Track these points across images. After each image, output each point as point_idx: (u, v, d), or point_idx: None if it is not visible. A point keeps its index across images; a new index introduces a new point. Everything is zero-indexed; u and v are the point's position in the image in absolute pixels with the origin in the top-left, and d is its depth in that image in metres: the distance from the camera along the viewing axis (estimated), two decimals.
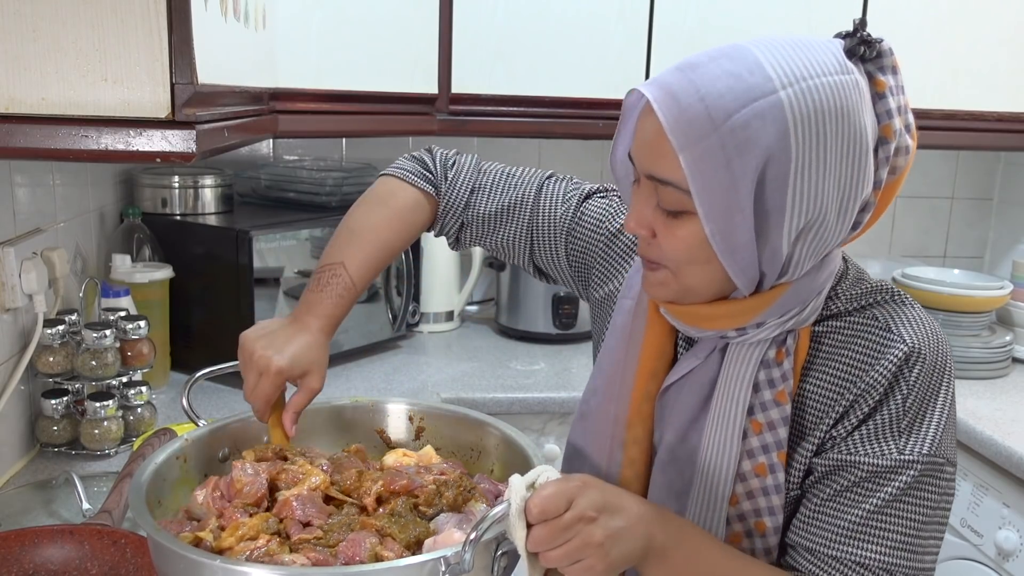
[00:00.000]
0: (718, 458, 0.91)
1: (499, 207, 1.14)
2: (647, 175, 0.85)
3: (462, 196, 1.14)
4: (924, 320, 0.91)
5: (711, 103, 0.78)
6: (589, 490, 0.81)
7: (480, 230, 1.16)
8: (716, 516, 0.92)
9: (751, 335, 0.89)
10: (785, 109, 0.77)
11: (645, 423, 0.97)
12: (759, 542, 0.92)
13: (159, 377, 1.79)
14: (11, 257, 1.38)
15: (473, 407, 1.15)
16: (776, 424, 0.90)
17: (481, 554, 0.79)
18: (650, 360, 0.97)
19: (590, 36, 1.98)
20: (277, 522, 0.89)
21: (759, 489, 0.91)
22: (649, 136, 0.83)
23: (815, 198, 0.80)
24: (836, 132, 0.79)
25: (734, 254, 0.83)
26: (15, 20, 0.86)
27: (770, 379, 0.90)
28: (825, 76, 0.79)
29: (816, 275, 0.88)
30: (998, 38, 2.08)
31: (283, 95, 1.69)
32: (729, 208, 0.80)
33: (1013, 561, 1.62)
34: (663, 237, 0.86)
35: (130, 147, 0.89)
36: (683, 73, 0.81)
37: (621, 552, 0.81)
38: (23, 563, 1.04)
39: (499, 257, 1.20)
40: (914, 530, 0.88)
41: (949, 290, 2.02)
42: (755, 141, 0.77)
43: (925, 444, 0.87)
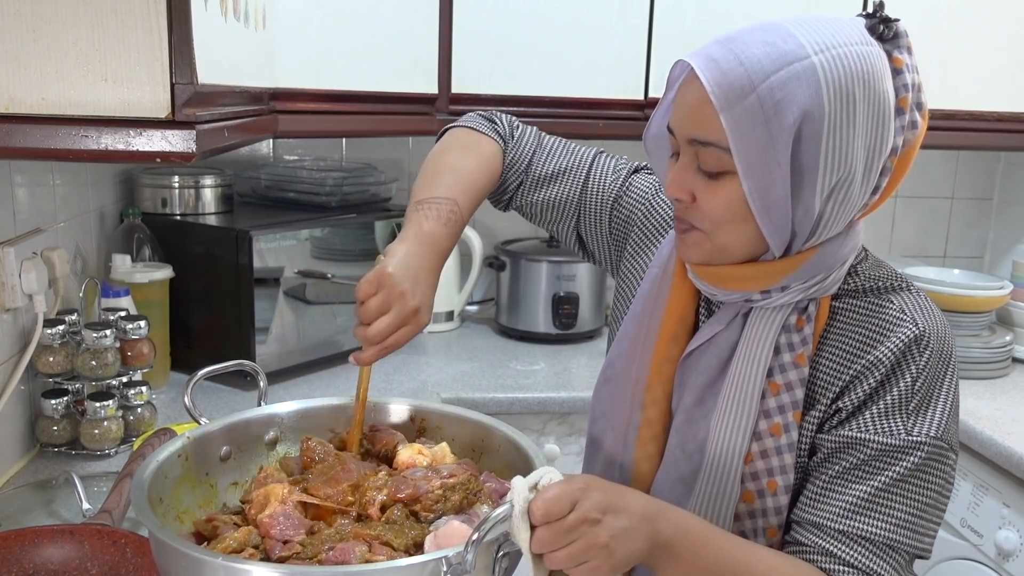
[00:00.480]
0: (736, 417, 0.95)
1: (557, 168, 1.19)
2: (689, 139, 0.90)
3: (526, 154, 1.19)
4: (936, 312, 0.96)
5: (750, 66, 0.84)
6: (592, 492, 0.81)
7: (536, 190, 1.20)
8: (731, 474, 0.95)
9: (775, 299, 0.94)
10: (818, 72, 0.84)
11: (665, 385, 1.01)
12: (770, 500, 0.95)
13: (159, 377, 1.79)
14: (11, 257, 1.38)
15: (473, 407, 1.15)
16: (794, 385, 0.94)
17: (483, 555, 0.79)
18: (672, 324, 1.02)
19: (590, 36, 1.98)
20: (259, 536, 0.88)
21: (773, 448, 0.94)
22: (691, 102, 0.88)
23: (846, 156, 0.85)
24: (863, 95, 0.85)
25: (769, 211, 0.87)
26: (15, 20, 0.86)
27: (790, 343, 0.94)
28: (852, 45, 0.86)
29: (841, 244, 0.93)
30: (998, 38, 2.08)
31: (283, 95, 1.69)
32: (767, 164, 0.85)
33: (1013, 561, 1.62)
34: (703, 199, 0.90)
35: (130, 147, 0.89)
36: (722, 44, 0.87)
37: (626, 551, 0.82)
38: (23, 563, 1.04)
39: (539, 221, 1.22)
40: (918, 510, 0.91)
41: (949, 290, 2.02)
42: (791, 100, 0.83)
43: (932, 427, 0.90)
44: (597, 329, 2.29)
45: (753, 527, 0.96)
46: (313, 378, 1.89)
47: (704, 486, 0.97)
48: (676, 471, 0.99)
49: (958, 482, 1.77)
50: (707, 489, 0.97)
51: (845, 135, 0.85)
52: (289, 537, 0.88)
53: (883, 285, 0.96)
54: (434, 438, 1.12)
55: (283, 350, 1.86)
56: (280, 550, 0.86)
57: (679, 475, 0.99)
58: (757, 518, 0.96)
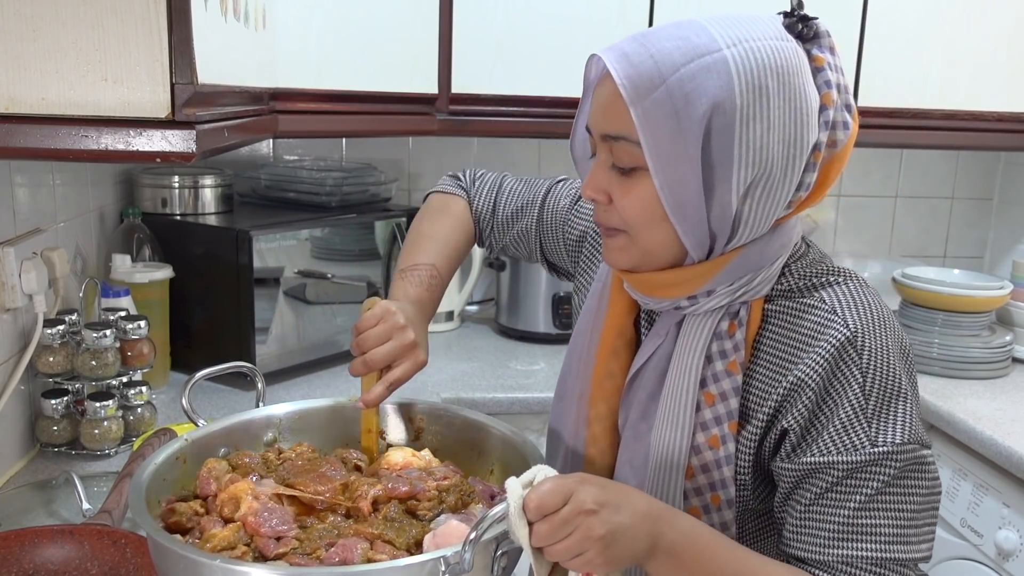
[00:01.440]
0: (673, 431, 0.93)
1: (516, 207, 1.25)
2: (602, 135, 0.89)
3: (488, 202, 1.27)
4: (874, 305, 0.91)
5: (660, 59, 0.83)
6: (587, 485, 0.81)
7: (503, 231, 1.26)
8: (673, 489, 0.94)
9: (702, 304, 0.92)
10: (729, 64, 0.83)
11: (608, 400, 1.00)
12: (715, 516, 0.93)
13: (159, 377, 1.79)
14: (11, 257, 1.38)
15: (473, 407, 1.15)
16: (728, 395, 0.91)
17: (481, 554, 0.79)
18: (611, 337, 1.01)
19: (590, 36, 1.98)
20: (247, 532, 0.88)
21: (712, 462, 0.92)
22: (604, 98, 0.88)
23: (760, 150, 0.84)
24: (778, 89, 0.84)
25: (683, 208, 0.86)
26: (15, 20, 0.86)
27: (722, 350, 0.92)
28: (766, 40, 0.85)
29: (767, 244, 0.90)
30: (998, 38, 2.08)
31: (283, 95, 1.69)
32: (677, 158, 0.83)
33: (1013, 561, 1.62)
34: (618, 199, 0.89)
35: (130, 147, 0.89)
36: (635, 40, 0.87)
37: (623, 548, 0.81)
38: (23, 563, 1.04)
39: (519, 256, 1.30)
40: (905, 520, 0.87)
41: (949, 290, 2.02)
42: (701, 92, 0.82)
43: (897, 432, 0.86)
44: None
45: None
46: (313, 378, 1.89)
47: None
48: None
49: (958, 482, 1.77)
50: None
51: (759, 129, 0.83)
52: (282, 533, 0.87)
53: (816, 282, 0.92)
54: (434, 438, 1.12)
55: (283, 350, 1.86)
56: (275, 547, 0.86)
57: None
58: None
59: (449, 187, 1.29)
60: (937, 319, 2.03)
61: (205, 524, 0.89)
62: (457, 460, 1.08)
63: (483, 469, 1.07)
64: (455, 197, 1.27)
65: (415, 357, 1.07)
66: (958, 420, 1.75)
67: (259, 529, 0.87)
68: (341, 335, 1.98)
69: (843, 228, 2.57)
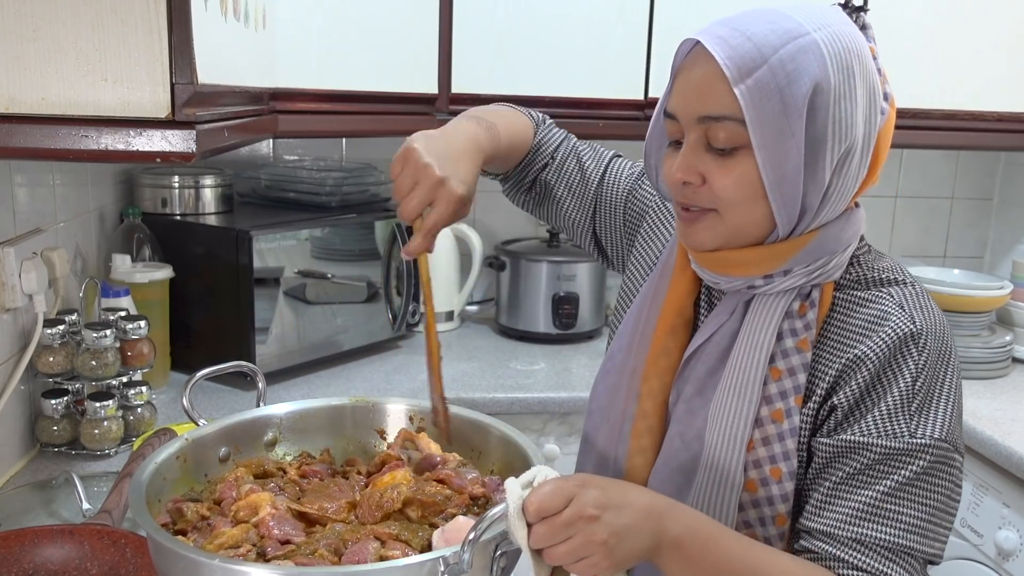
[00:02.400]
0: (738, 403, 0.94)
1: (579, 157, 1.23)
2: (699, 117, 0.90)
3: (555, 140, 1.24)
4: (936, 310, 0.95)
5: (758, 41, 0.87)
6: (588, 488, 0.81)
7: (560, 173, 1.22)
8: (733, 462, 0.94)
9: (777, 283, 0.94)
10: (820, 45, 0.87)
11: (661, 377, 1.01)
12: (775, 488, 0.93)
13: (159, 377, 1.79)
14: (11, 257, 1.38)
15: (473, 407, 1.15)
16: (796, 370, 0.93)
17: (480, 554, 0.79)
18: (670, 315, 1.02)
19: (590, 36, 1.98)
20: (257, 535, 0.88)
21: (775, 435, 0.93)
22: (699, 80, 0.89)
23: (851, 126, 0.88)
24: (860, 70, 0.89)
25: (781, 184, 0.88)
26: (15, 20, 0.86)
27: (793, 328, 0.94)
28: (843, 25, 0.90)
29: (842, 228, 0.94)
30: (998, 38, 2.08)
31: (283, 95, 1.69)
32: (782, 134, 0.86)
33: (1013, 561, 1.62)
34: (715, 179, 0.90)
35: (130, 147, 0.89)
36: (724, 24, 0.90)
37: (627, 548, 0.82)
38: (23, 563, 1.04)
39: (557, 214, 1.24)
40: (927, 514, 0.89)
41: (949, 290, 2.02)
42: (803, 71, 0.86)
43: (936, 428, 0.89)
44: (597, 329, 2.28)
45: (759, 516, 0.94)
46: (313, 378, 1.90)
47: (705, 475, 0.95)
48: (675, 460, 0.98)
49: None
50: (708, 478, 0.95)
51: (848, 106, 0.88)
52: (290, 538, 0.88)
53: (886, 277, 0.96)
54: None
55: (283, 350, 1.86)
56: (277, 549, 0.86)
57: (678, 464, 0.98)
58: (763, 507, 0.94)
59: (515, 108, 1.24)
60: None
61: (216, 523, 0.90)
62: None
63: (483, 469, 1.07)
64: (521, 114, 1.23)
65: (447, 196, 0.98)
66: None
67: (271, 532, 0.88)
68: (341, 335, 1.98)
69: None
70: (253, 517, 0.90)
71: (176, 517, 0.92)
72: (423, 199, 0.98)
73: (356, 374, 1.93)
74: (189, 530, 0.91)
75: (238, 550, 0.85)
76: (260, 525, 0.89)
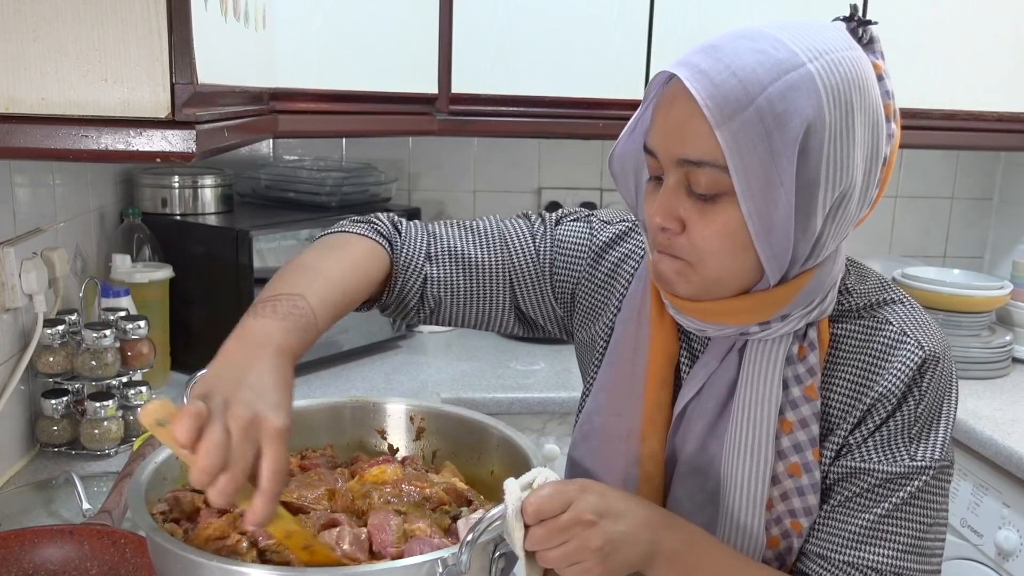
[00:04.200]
0: (752, 462, 0.88)
1: (467, 249, 1.05)
2: (678, 160, 0.81)
3: (420, 243, 1.04)
4: (933, 326, 0.91)
5: (744, 77, 0.77)
6: (588, 494, 0.81)
7: (447, 285, 1.04)
8: (754, 523, 0.89)
9: (775, 329, 0.87)
10: (815, 79, 0.78)
11: (659, 435, 0.94)
12: (796, 541, 0.90)
13: (159, 377, 1.79)
14: (11, 257, 1.38)
15: (473, 407, 1.15)
16: (808, 421, 0.87)
17: (478, 555, 0.79)
18: (659, 369, 0.94)
19: (590, 36, 1.98)
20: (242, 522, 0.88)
21: (793, 490, 0.89)
22: (679, 118, 0.80)
23: (847, 168, 0.80)
24: (860, 103, 0.80)
25: (770, 235, 0.80)
26: (15, 20, 0.86)
27: (796, 375, 0.88)
28: (843, 51, 0.80)
29: (833, 263, 0.87)
30: (998, 38, 2.08)
31: (283, 95, 1.68)
32: (769, 183, 0.78)
33: (1013, 561, 1.62)
34: (696, 227, 0.82)
35: (130, 147, 0.89)
36: (707, 53, 0.80)
37: (621, 557, 0.81)
38: (23, 563, 1.04)
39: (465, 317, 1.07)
40: (922, 532, 0.88)
41: (949, 290, 2.02)
42: (794, 112, 0.77)
43: (936, 450, 0.88)
44: None
45: (781, 565, 0.91)
46: (313, 378, 1.89)
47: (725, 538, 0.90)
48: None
49: (958, 482, 1.77)
50: (728, 540, 0.90)
51: (846, 146, 0.79)
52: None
53: (877, 299, 0.91)
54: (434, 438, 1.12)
55: None
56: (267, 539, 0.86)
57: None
58: (785, 558, 0.91)
59: (353, 226, 1.03)
60: (937, 319, 2.02)
61: (204, 515, 0.90)
62: (457, 460, 1.08)
63: (483, 469, 1.07)
64: (355, 236, 1.01)
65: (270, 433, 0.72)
66: (958, 420, 1.74)
67: None
68: (341, 335, 1.98)
69: None
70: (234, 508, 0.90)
71: (172, 505, 0.93)
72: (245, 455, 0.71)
73: (356, 374, 1.93)
74: (182, 519, 0.91)
75: (226, 541, 0.85)
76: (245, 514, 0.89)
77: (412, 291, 1.05)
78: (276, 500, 0.73)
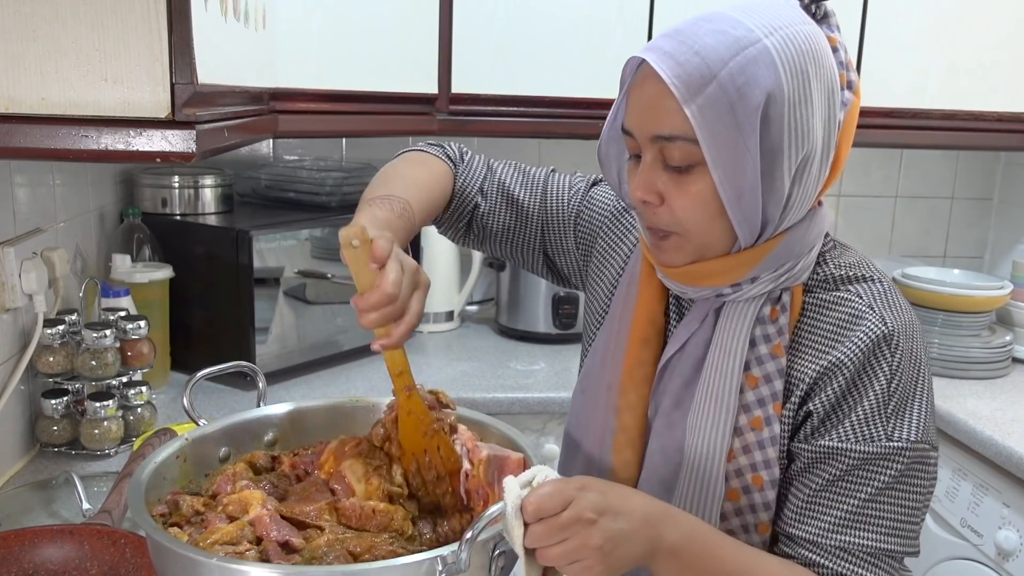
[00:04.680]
0: (716, 413, 0.93)
1: (512, 188, 1.17)
2: (652, 136, 0.88)
3: (478, 177, 1.18)
4: (905, 307, 0.95)
5: (705, 55, 0.84)
6: (588, 492, 0.81)
7: (494, 212, 1.17)
8: (713, 472, 0.93)
9: (745, 291, 0.93)
10: (772, 53, 0.84)
11: (638, 389, 1.00)
12: (757, 496, 0.94)
13: (159, 377, 1.79)
14: (11, 257, 1.38)
15: (473, 407, 1.15)
16: (772, 376, 0.93)
17: (478, 553, 0.79)
18: (641, 325, 1.01)
19: (590, 36, 1.98)
20: (253, 534, 0.88)
21: (755, 443, 0.93)
22: (649, 98, 0.87)
23: (807, 133, 0.87)
24: (815, 72, 0.86)
25: (740, 200, 0.87)
26: (15, 20, 0.86)
27: (766, 334, 0.93)
28: (797, 25, 0.87)
29: (806, 231, 0.93)
30: (998, 38, 2.08)
31: (283, 95, 1.69)
32: (736, 151, 0.84)
33: (1013, 561, 1.62)
34: (673, 198, 0.89)
35: (130, 147, 0.89)
36: (670, 37, 0.87)
37: (622, 554, 0.82)
38: (23, 563, 1.05)
39: (503, 249, 1.20)
40: (905, 515, 0.91)
41: (949, 290, 2.02)
42: (754, 83, 0.83)
43: (912, 430, 0.90)
44: None
45: (742, 523, 0.95)
46: (313, 378, 1.90)
47: (686, 486, 0.95)
48: (657, 474, 0.98)
49: (958, 482, 1.77)
50: (689, 489, 0.95)
51: (805, 112, 0.86)
52: (289, 539, 0.88)
53: (853, 274, 0.95)
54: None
55: (283, 350, 1.86)
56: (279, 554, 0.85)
57: (659, 478, 0.98)
58: (745, 515, 0.95)
59: (430, 150, 1.17)
60: (937, 319, 2.03)
61: (210, 519, 0.90)
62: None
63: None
64: (436, 158, 1.15)
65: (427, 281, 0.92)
66: (958, 420, 1.75)
67: (269, 533, 0.87)
68: (341, 335, 1.98)
69: (843, 228, 2.57)
70: (242, 514, 0.90)
71: (172, 509, 0.92)
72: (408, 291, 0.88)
73: (356, 374, 1.93)
74: (184, 524, 0.91)
75: (236, 547, 0.85)
76: (256, 524, 0.88)
77: (464, 216, 1.18)
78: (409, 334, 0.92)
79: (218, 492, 0.96)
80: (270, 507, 0.91)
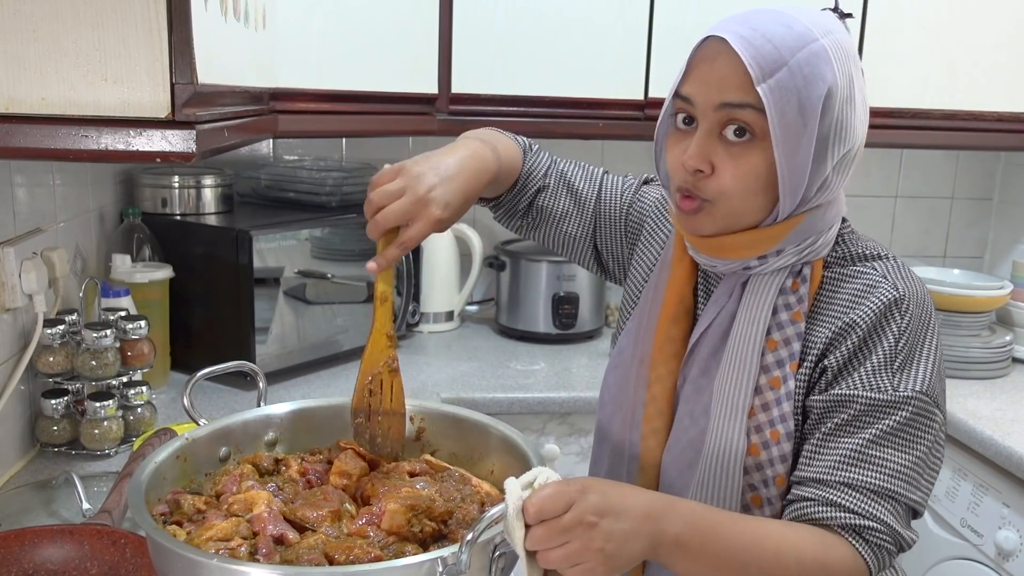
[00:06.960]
0: (738, 374, 1.00)
1: (572, 179, 1.24)
2: (719, 104, 0.94)
3: (543, 163, 1.24)
4: (916, 279, 1.02)
5: (778, 43, 0.92)
6: (589, 494, 0.81)
7: (555, 197, 1.23)
8: (736, 430, 0.99)
9: (771, 263, 1.00)
10: (830, 52, 0.93)
11: (668, 363, 1.07)
12: (775, 449, 0.99)
13: (159, 377, 1.79)
14: (11, 257, 1.38)
15: (473, 407, 1.15)
16: (791, 339, 1.00)
17: (478, 555, 0.79)
18: (672, 303, 1.08)
19: (590, 36, 1.98)
20: (249, 530, 0.88)
21: (773, 400, 0.99)
22: (721, 71, 0.94)
23: (851, 131, 0.96)
24: (857, 75, 0.96)
25: (793, 176, 0.94)
26: (15, 20, 0.86)
27: (787, 303, 1.01)
28: (842, 33, 0.97)
29: (826, 211, 1.01)
30: (998, 38, 2.08)
31: (283, 95, 1.69)
32: (797, 132, 0.92)
33: (1013, 561, 1.62)
34: (726, 168, 0.95)
35: (130, 147, 0.89)
36: (741, 23, 0.95)
37: (625, 553, 0.82)
38: (23, 563, 1.05)
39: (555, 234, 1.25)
40: (910, 462, 0.94)
41: (949, 290, 2.02)
42: (818, 75, 0.92)
43: (917, 382, 0.95)
44: (597, 329, 2.29)
45: (763, 478, 0.99)
46: (313, 378, 1.90)
47: (711, 444, 1.00)
48: (686, 436, 1.03)
49: (958, 482, 1.77)
50: (714, 446, 1.00)
51: (851, 111, 0.95)
52: (284, 533, 0.88)
53: (869, 253, 1.03)
54: (433, 439, 1.12)
55: (283, 350, 1.86)
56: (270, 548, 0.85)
57: (688, 440, 1.03)
58: (765, 469, 0.99)
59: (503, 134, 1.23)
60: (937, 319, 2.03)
61: (209, 517, 0.90)
62: (457, 460, 1.08)
63: (483, 469, 1.07)
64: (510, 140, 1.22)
65: (428, 216, 1.00)
66: (958, 420, 1.75)
67: (265, 528, 0.87)
68: (341, 335, 1.98)
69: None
70: (247, 513, 0.90)
71: (173, 508, 0.92)
72: (405, 210, 1.00)
73: (356, 374, 1.93)
74: (184, 522, 0.91)
75: (228, 543, 0.85)
76: (255, 520, 0.89)
77: (526, 197, 1.22)
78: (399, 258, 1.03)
79: (223, 492, 0.96)
80: (274, 507, 0.91)
